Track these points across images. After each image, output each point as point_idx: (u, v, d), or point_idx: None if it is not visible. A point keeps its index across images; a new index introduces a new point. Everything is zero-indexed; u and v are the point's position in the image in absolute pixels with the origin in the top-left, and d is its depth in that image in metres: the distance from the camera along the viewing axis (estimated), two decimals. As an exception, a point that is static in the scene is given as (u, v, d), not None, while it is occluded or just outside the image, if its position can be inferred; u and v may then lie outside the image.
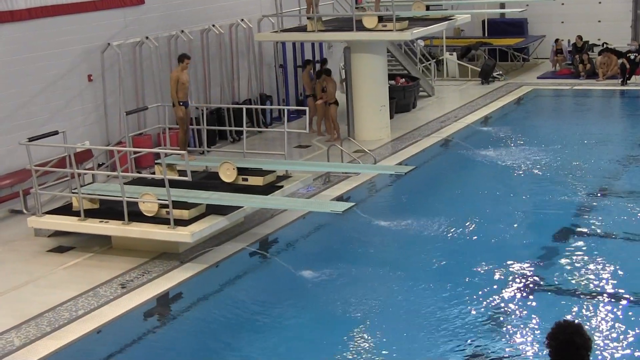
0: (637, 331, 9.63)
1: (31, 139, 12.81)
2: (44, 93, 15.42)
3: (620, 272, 11.27)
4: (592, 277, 11.25)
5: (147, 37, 17.32)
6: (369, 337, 9.94)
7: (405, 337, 9.87)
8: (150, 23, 17.61)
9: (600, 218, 13.64)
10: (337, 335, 9.96)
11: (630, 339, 9.45)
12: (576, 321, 4.60)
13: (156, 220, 11.84)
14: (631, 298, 10.55)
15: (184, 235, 11.56)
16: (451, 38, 27.62)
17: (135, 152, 14.45)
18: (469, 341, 9.59)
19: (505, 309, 10.46)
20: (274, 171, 13.62)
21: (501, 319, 10.20)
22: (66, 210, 12.73)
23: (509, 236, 12.85)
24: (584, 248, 12.27)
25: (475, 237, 12.75)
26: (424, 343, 9.67)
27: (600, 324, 9.78)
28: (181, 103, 14.27)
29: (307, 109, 17.11)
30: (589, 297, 10.63)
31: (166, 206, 11.67)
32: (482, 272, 11.43)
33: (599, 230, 13.01)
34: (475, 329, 9.85)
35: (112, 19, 16.82)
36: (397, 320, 10.25)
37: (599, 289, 10.83)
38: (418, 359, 9.43)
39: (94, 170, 14.39)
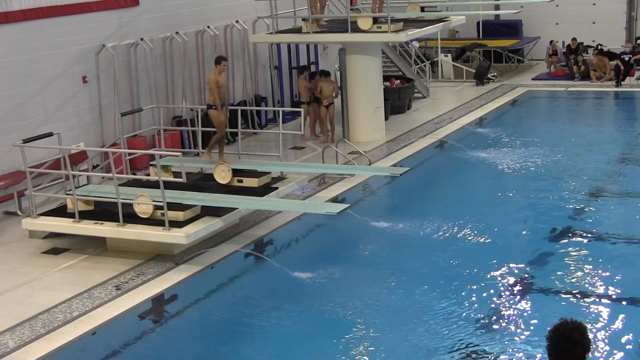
0: (634, 333, 9.63)
1: (26, 141, 12.79)
2: (39, 95, 15.40)
3: (616, 274, 11.28)
4: (587, 278, 11.25)
5: (141, 39, 17.30)
6: (365, 339, 9.93)
7: (400, 338, 9.87)
8: (145, 24, 17.60)
9: (595, 219, 13.64)
10: (333, 337, 9.95)
11: (627, 341, 9.46)
12: (579, 321, 4.56)
13: (151, 221, 11.84)
14: (628, 299, 10.56)
15: (179, 236, 11.56)
16: (446, 39, 27.66)
17: (130, 154, 14.43)
18: (465, 343, 9.59)
19: (501, 310, 10.46)
20: (269, 172, 13.62)
21: (497, 320, 10.19)
22: (61, 211, 12.72)
23: (504, 237, 12.85)
24: (580, 249, 12.27)
25: (470, 239, 12.75)
26: (420, 344, 9.67)
27: (596, 326, 9.78)
28: (214, 107, 13.87)
29: (302, 110, 17.10)
30: (585, 298, 10.64)
31: (161, 208, 11.67)
32: (477, 273, 11.42)
33: (594, 232, 13.01)
34: (472, 331, 9.85)
35: (107, 20, 16.80)
36: (393, 321, 10.25)
37: (595, 291, 10.83)
38: (413, 360, 9.46)
39: (89, 171, 14.37)
